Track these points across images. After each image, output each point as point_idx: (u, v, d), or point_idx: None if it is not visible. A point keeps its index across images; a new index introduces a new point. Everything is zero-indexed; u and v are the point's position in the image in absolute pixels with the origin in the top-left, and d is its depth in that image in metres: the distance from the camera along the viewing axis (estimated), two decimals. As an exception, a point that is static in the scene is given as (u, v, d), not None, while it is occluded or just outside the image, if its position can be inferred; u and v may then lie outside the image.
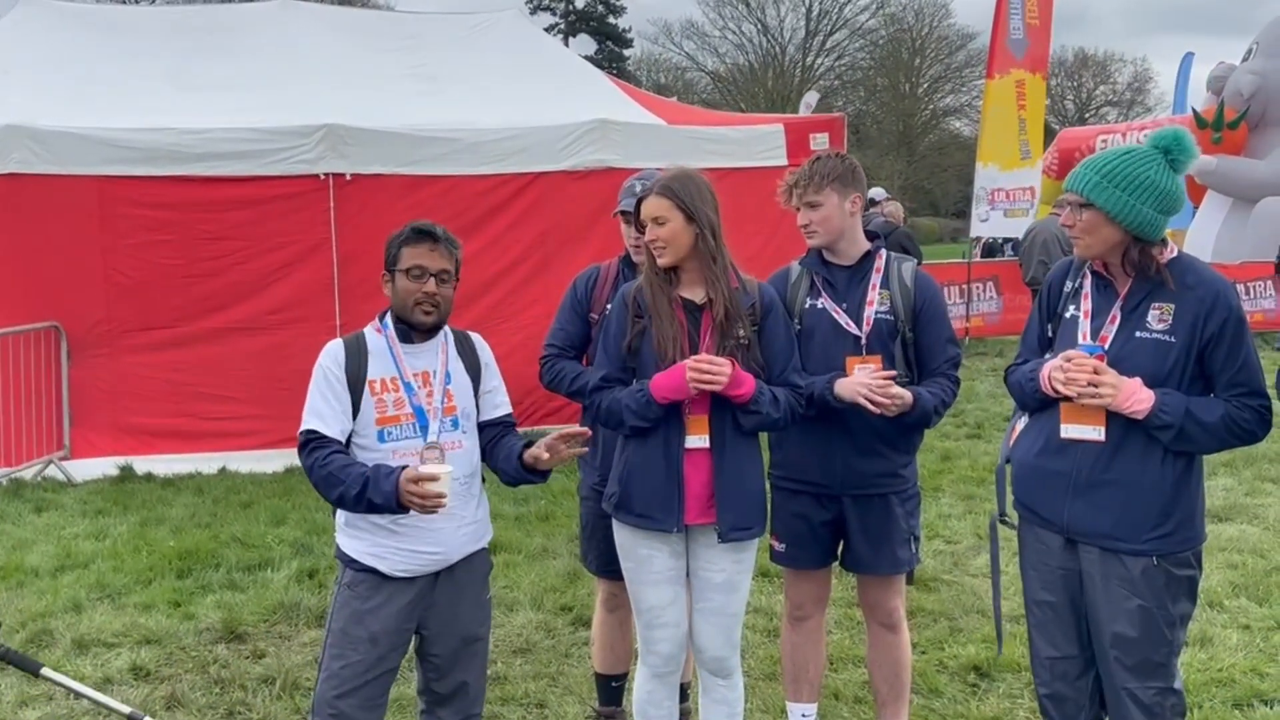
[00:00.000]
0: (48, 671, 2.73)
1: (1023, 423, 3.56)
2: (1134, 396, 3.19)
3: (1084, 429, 3.30)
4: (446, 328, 3.56)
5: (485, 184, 9.47)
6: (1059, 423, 3.35)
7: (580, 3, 57.92)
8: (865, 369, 3.82)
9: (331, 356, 3.43)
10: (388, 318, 3.51)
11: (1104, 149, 3.42)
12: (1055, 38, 18.62)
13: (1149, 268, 3.27)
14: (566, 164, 9.63)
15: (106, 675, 5.02)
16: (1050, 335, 3.52)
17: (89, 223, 8.72)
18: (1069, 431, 3.33)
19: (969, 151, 32.08)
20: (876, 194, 14.25)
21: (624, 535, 3.72)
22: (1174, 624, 3.30)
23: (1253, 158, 18.20)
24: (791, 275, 4.04)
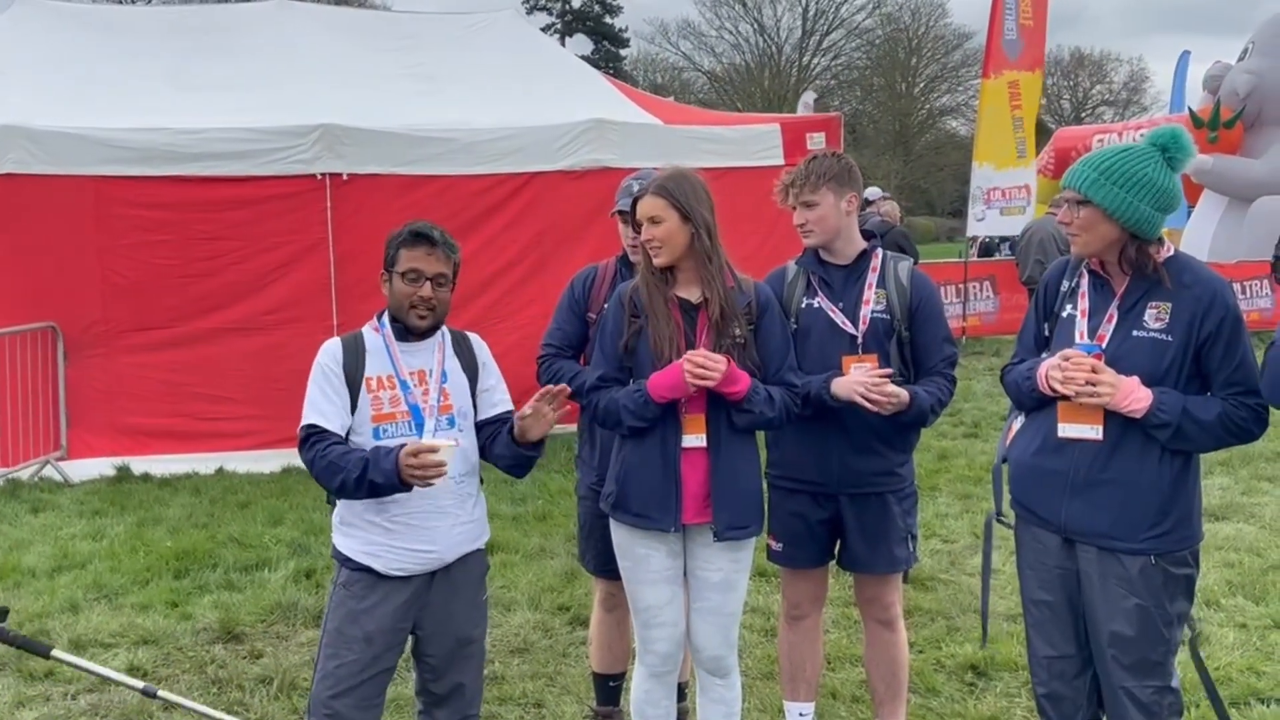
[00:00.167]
0: (58, 652, 2.74)
1: (1019, 422, 3.56)
2: (1132, 395, 3.19)
3: (1081, 428, 3.30)
4: (444, 327, 3.56)
5: (482, 184, 9.48)
6: (1056, 422, 3.35)
7: (577, 3, 57.94)
8: (861, 368, 3.82)
9: (330, 354, 3.43)
10: (385, 317, 3.51)
11: (1101, 148, 3.42)
12: (1052, 37, 18.68)
13: (1146, 266, 3.27)
14: (563, 164, 9.63)
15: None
16: (1047, 335, 3.51)
17: (85, 223, 8.72)
18: (1066, 431, 3.33)
19: (965, 151, 32.15)
20: (872, 193, 14.25)
21: (621, 534, 3.72)
22: (1171, 623, 3.30)
23: (1249, 157, 18.22)
24: (788, 275, 4.04)
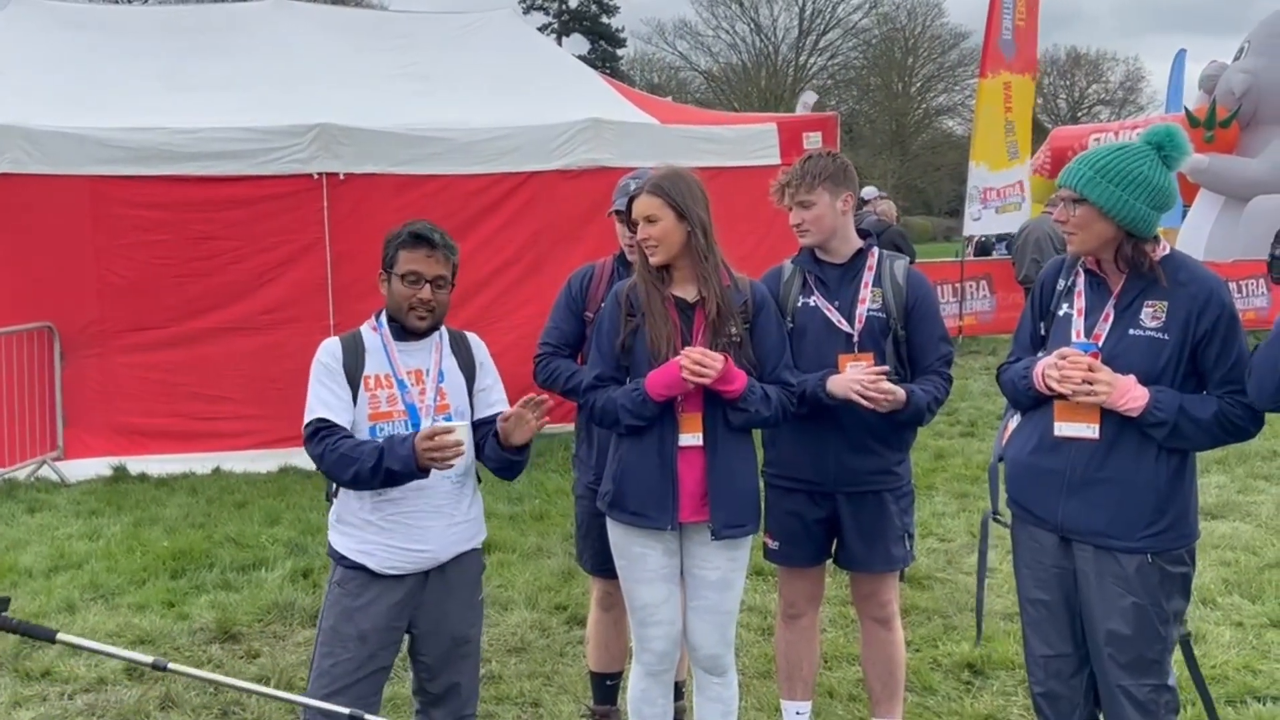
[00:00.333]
0: (63, 636, 2.74)
1: (1015, 421, 3.56)
2: (1128, 394, 3.19)
3: (1078, 427, 3.31)
4: (443, 326, 3.56)
5: (478, 183, 9.48)
6: (1053, 421, 3.35)
7: (573, 2, 57.85)
8: (857, 367, 3.82)
9: (330, 352, 3.44)
10: (383, 316, 3.51)
11: (1096, 147, 3.43)
12: (1048, 36, 18.73)
13: (1142, 264, 3.27)
14: (559, 163, 9.63)
15: (100, 675, 5.00)
16: (1043, 333, 3.52)
17: (82, 223, 8.70)
18: (1063, 429, 3.33)
19: (962, 150, 32.12)
20: (869, 193, 14.25)
21: (618, 533, 3.72)
22: (1168, 621, 3.30)
23: (1245, 156, 18.21)
24: (784, 274, 4.04)
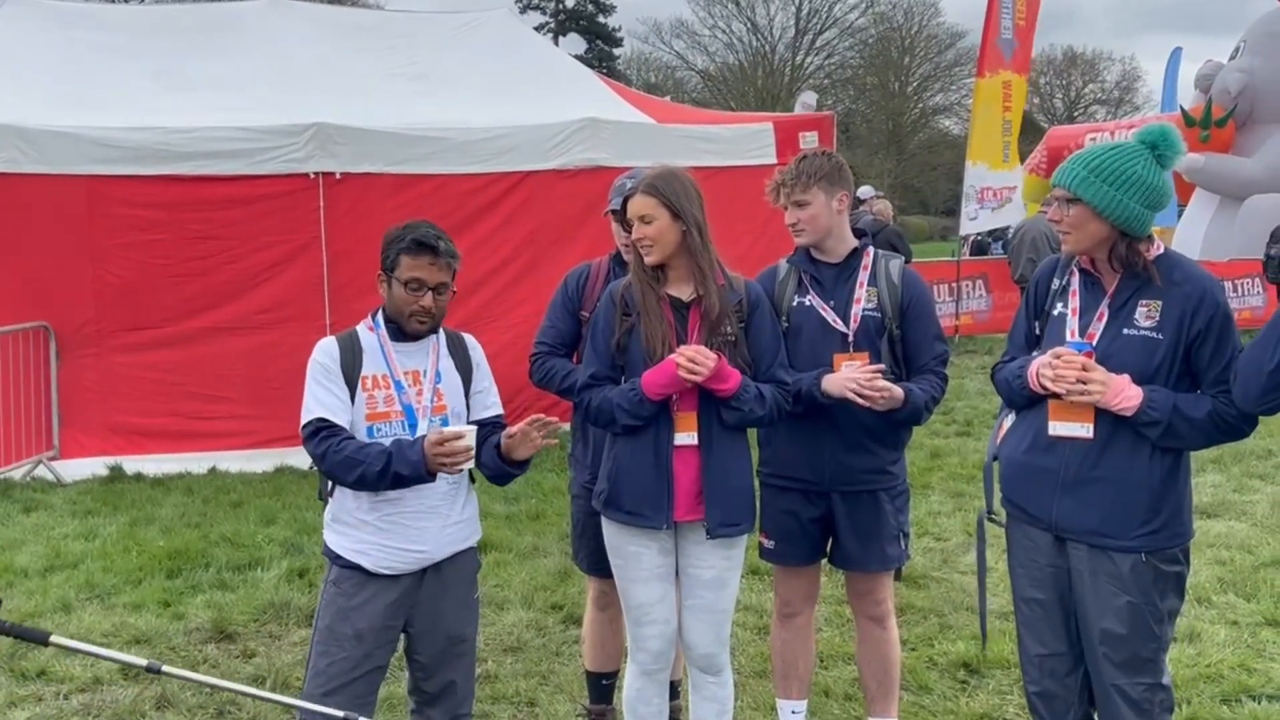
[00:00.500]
0: (57, 638, 2.73)
1: (1010, 420, 3.56)
2: (1122, 393, 3.20)
3: (1072, 426, 3.31)
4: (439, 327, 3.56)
5: (475, 183, 9.47)
6: (1047, 420, 3.35)
7: (570, 2, 57.81)
8: (852, 366, 3.82)
9: (327, 353, 3.42)
10: (379, 316, 3.50)
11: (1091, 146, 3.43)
12: (1045, 36, 18.75)
13: (1136, 263, 3.27)
14: (556, 163, 9.64)
15: (96, 675, 5.00)
16: (1038, 333, 3.52)
17: (78, 222, 8.69)
18: (1057, 429, 3.34)
19: (958, 150, 32.10)
20: (865, 192, 14.26)
21: (613, 532, 3.73)
22: (1162, 620, 3.31)
23: (1240, 155, 18.23)
24: (779, 273, 4.05)
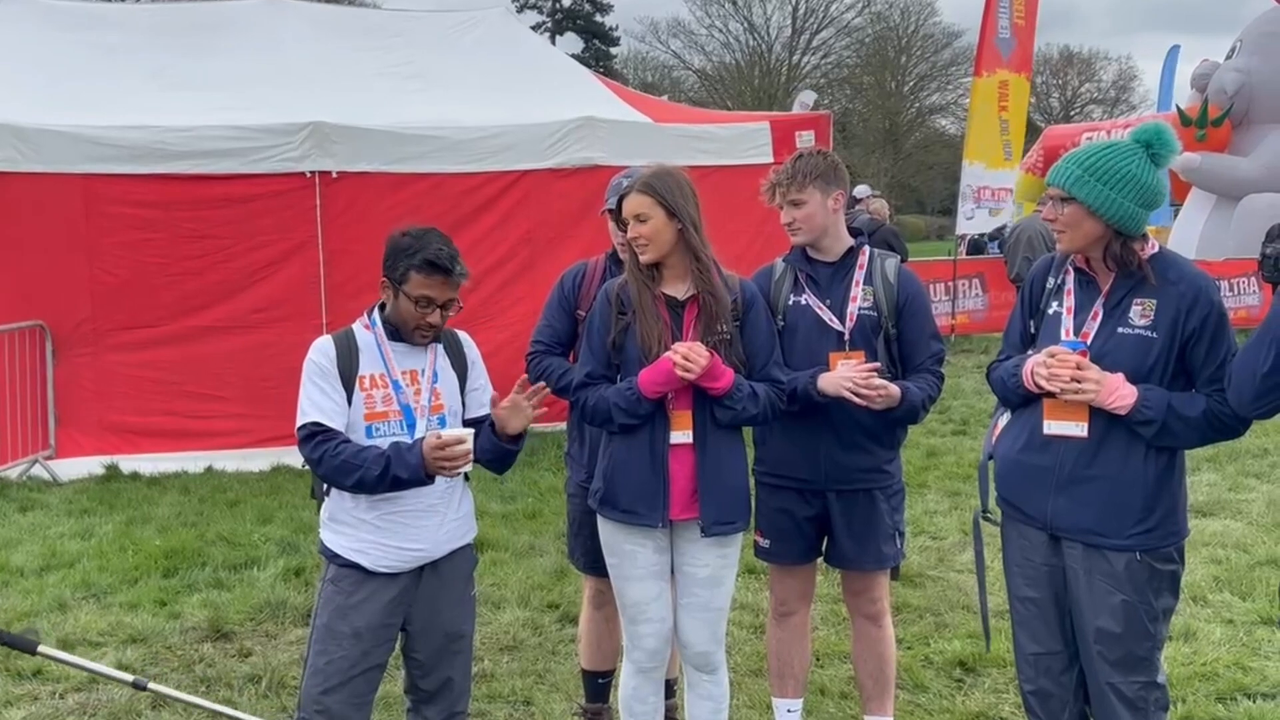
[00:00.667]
0: (44, 648, 2.72)
1: (1005, 419, 3.56)
2: (1116, 392, 3.20)
3: (1067, 425, 3.31)
4: None
5: (471, 181, 9.48)
6: (1042, 419, 3.35)
7: (567, 1, 57.82)
8: (849, 364, 3.82)
9: (323, 353, 3.41)
10: (376, 314, 3.49)
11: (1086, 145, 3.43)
12: (1041, 35, 18.72)
13: (1131, 262, 3.28)
14: (552, 162, 9.64)
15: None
16: (1033, 332, 3.53)
17: (74, 221, 8.68)
18: (1052, 428, 3.34)
19: (955, 149, 32.11)
20: (861, 191, 14.28)
21: (608, 531, 3.73)
22: (1157, 618, 3.31)
23: (1237, 155, 18.27)
24: (775, 272, 4.05)
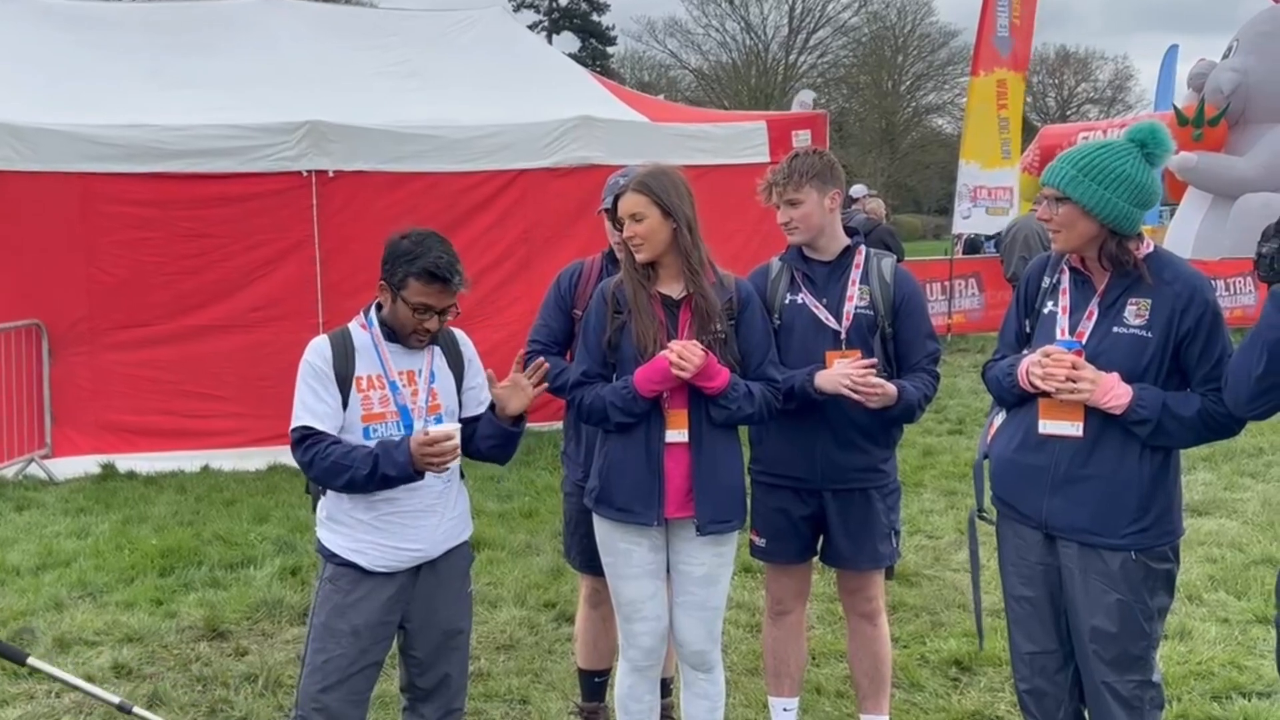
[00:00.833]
0: (34, 660, 2.72)
1: (1000, 418, 3.57)
2: (1111, 392, 3.20)
3: (1062, 424, 3.32)
4: None
5: (468, 181, 9.47)
6: (1037, 418, 3.36)
7: (563, 0, 57.79)
8: (845, 362, 3.83)
9: (319, 354, 3.40)
10: (373, 314, 3.48)
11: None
12: (1038, 35, 18.73)
13: (1126, 262, 3.28)
14: (549, 161, 9.63)
15: (88, 674, 4.99)
16: (1028, 331, 3.53)
17: (70, 220, 8.68)
18: (1047, 427, 3.34)
19: (951, 149, 32.17)
20: (857, 190, 14.26)
21: (604, 529, 3.73)
22: (1152, 617, 3.31)
23: (1233, 154, 18.29)
24: (771, 271, 4.05)
